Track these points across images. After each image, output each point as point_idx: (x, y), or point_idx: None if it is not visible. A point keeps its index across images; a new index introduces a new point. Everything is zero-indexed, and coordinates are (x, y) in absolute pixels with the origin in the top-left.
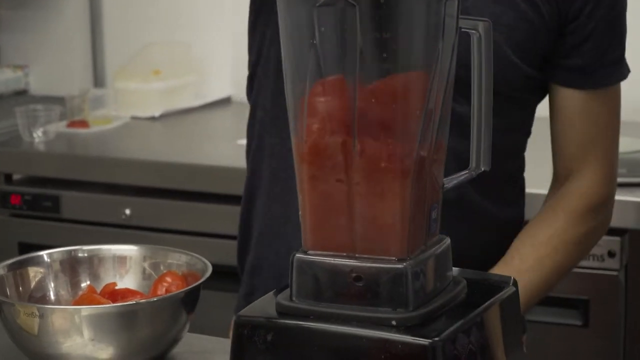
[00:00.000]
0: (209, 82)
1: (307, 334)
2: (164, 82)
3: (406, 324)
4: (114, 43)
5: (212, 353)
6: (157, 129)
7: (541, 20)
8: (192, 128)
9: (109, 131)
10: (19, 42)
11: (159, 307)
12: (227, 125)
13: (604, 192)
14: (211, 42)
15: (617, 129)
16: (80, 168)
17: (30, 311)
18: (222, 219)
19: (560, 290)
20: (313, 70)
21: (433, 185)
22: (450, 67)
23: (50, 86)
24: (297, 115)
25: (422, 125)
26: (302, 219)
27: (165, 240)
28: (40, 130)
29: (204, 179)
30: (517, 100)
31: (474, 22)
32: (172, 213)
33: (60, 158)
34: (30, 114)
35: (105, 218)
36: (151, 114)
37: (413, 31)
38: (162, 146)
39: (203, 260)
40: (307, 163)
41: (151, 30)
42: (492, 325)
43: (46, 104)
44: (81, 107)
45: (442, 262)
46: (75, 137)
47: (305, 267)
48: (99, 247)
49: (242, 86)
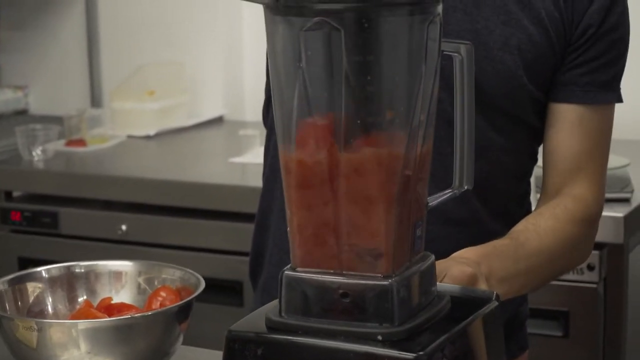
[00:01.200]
0: (201, 102)
1: (296, 348)
2: (158, 102)
3: (392, 338)
4: (110, 64)
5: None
6: (152, 148)
7: (549, 42)
8: (186, 146)
9: (105, 150)
10: (19, 63)
11: (154, 321)
12: (220, 143)
13: (595, 209)
14: (204, 62)
15: (607, 149)
16: (78, 185)
17: (29, 325)
18: (214, 234)
19: (541, 301)
20: (300, 92)
21: (418, 203)
22: (433, 88)
23: (50, 106)
24: (284, 136)
25: (407, 145)
26: (291, 237)
27: (160, 255)
28: (40, 148)
29: (197, 196)
30: (524, 122)
31: (456, 45)
32: (167, 229)
33: (58, 176)
34: (30, 133)
35: (102, 234)
36: (146, 133)
37: (396, 54)
38: (157, 164)
39: (196, 275)
40: (294, 182)
41: (145, 51)
42: (476, 339)
43: (45, 123)
44: (79, 126)
45: (427, 278)
46: (73, 156)
47: (294, 284)
48: (96, 262)
49: (233, 105)
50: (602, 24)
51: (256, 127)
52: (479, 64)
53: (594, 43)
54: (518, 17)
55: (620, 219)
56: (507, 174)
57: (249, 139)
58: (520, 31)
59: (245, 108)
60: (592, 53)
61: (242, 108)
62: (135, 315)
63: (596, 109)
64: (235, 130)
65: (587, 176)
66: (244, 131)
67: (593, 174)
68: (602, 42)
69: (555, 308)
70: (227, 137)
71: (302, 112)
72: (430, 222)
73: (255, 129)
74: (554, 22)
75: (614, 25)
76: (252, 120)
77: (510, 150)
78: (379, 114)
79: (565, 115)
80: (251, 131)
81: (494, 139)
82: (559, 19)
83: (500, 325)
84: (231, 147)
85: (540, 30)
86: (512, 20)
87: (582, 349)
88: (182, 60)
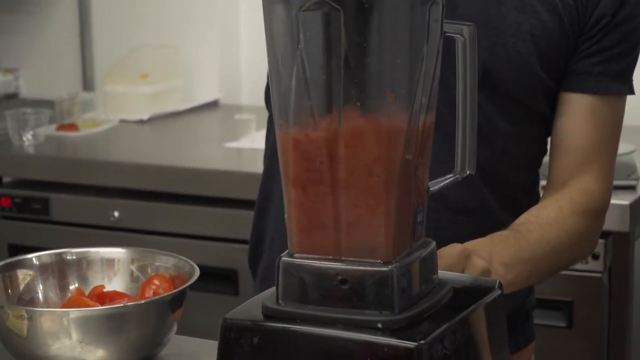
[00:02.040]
0: (196, 86)
1: (293, 336)
2: (152, 86)
3: (392, 326)
4: (102, 46)
5: (200, 355)
6: (146, 132)
7: (562, 30)
8: (180, 131)
9: (98, 134)
10: (10, 45)
11: (147, 310)
12: (215, 128)
13: (601, 202)
14: (199, 46)
15: (617, 142)
16: (70, 171)
17: (19, 314)
18: (209, 221)
19: (545, 291)
20: (298, 74)
21: (418, 188)
22: (435, 70)
23: (41, 89)
24: (282, 119)
25: (408, 129)
26: (288, 222)
27: (154, 243)
28: (30, 133)
29: (192, 181)
30: (534, 111)
31: (459, 27)
32: (160, 215)
33: (49, 161)
34: (20, 117)
35: (94, 220)
36: (139, 117)
37: (397, 35)
38: (150, 149)
39: (190, 263)
40: (292, 165)
41: (139, 33)
42: (478, 328)
43: (36, 107)
44: (70, 110)
45: (428, 265)
46: (64, 140)
47: (292, 270)
48: (87, 249)
49: (229, 89)
50: (616, 14)
51: (252, 111)
52: (490, 50)
53: (608, 33)
54: (532, 4)
55: (625, 206)
56: (516, 164)
57: (245, 124)
58: (533, 17)
59: (241, 92)
60: (606, 43)
61: (238, 92)
62: (128, 304)
63: (608, 99)
64: (230, 115)
65: (595, 169)
66: (239, 115)
67: (601, 166)
68: (616, 32)
69: (559, 298)
70: (222, 122)
71: (300, 94)
72: (438, 209)
73: (251, 113)
74: (567, 9)
75: (628, 16)
76: (248, 104)
77: (520, 139)
78: (379, 96)
79: (576, 105)
80: (247, 115)
81: (503, 127)
82: (573, 6)
83: (503, 314)
84: (227, 132)
85: (554, 17)
86: (525, 6)
87: (586, 340)
88: (176, 42)
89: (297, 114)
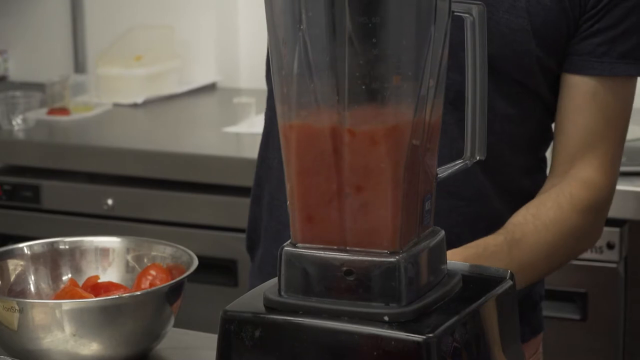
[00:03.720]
0: (193, 68)
1: (296, 329)
2: (147, 68)
3: (399, 319)
4: (95, 27)
5: (198, 349)
6: (140, 116)
7: (561, 7)
8: (176, 115)
9: (90, 118)
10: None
11: (143, 302)
12: (212, 112)
13: (604, 195)
14: (195, 26)
15: (624, 128)
16: (61, 157)
17: (10, 306)
18: (207, 209)
19: (558, 283)
20: (300, 56)
21: (426, 175)
22: (442, 52)
23: (30, 72)
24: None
25: (415, 113)
26: (291, 211)
27: (149, 232)
28: (20, 117)
29: (189, 167)
30: (533, 92)
31: (468, 6)
32: (156, 203)
33: (40, 146)
34: (9, 100)
35: (86, 208)
36: (133, 101)
37: (403, 14)
38: (145, 134)
39: (188, 253)
40: (294, 152)
41: (133, 13)
42: (488, 320)
43: (26, 90)
44: (62, 93)
45: (436, 255)
46: (55, 125)
47: (294, 261)
48: (81, 239)
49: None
50: None
51: (252, 94)
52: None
53: (610, 10)
54: None
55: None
56: (514, 146)
57: (244, 107)
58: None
59: (240, 74)
60: (609, 21)
61: (237, 74)
62: (123, 295)
63: (613, 82)
64: (229, 98)
65: (598, 157)
66: (238, 99)
67: (605, 154)
68: (619, 8)
69: (572, 289)
70: (220, 105)
71: (302, 78)
72: None
73: (250, 96)
74: None
75: None
76: (247, 87)
77: (518, 120)
78: (385, 79)
79: (577, 88)
80: (246, 99)
81: (501, 108)
82: None
83: (515, 306)
84: (225, 116)
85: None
86: None
87: (600, 333)
88: (172, 22)
89: (300, 99)
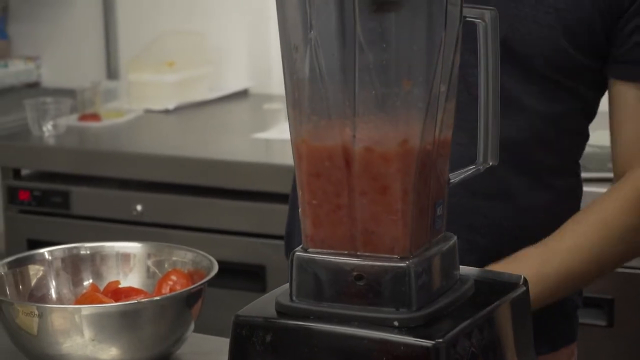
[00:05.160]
0: (225, 74)
1: (307, 334)
2: (179, 74)
3: (409, 324)
4: (127, 33)
5: (218, 354)
6: (171, 123)
7: (595, 5)
8: (207, 121)
9: (121, 125)
10: (30, 32)
11: (162, 307)
12: (244, 118)
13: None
14: (227, 32)
15: None
16: (91, 163)
17: (29, 310)
18: (236, 215)
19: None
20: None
21: (438, 180)
22: (454, 57)
23: (63, 78)
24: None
25: (425, 118)
26: (302, 216)
27: (177, 237)
28: (50, 123)
29: (219, 174)
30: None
31: (480, 11)
32: (185, 209)
33: (70, 152)
34: (40, 107)
35: (116, 214)
36: (165, 107)
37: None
38: (175, 140)
39: (209, 258)
40: (305, 157)
41: (165, 19)
42: (501, 326)
43: (58, 96)
44: (93, 99)
45: (448, 260)
46: (86, 131)
47: (306, 266)
48: (102, 244)
49: (259, 78)
50: None
51: (283, 100)
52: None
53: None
54: None
55: None
56: (545, 144)
57: (274, 114)
58: None
59: (271, 80)
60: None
61: (269, 80)
62: (142, 300)
63: None
64: (260, 104)
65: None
66: (269, 105)
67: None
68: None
69: (598, 295)
70: (251, 112)
71: (313, 83)
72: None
73: (281, 102)
74: None
75: None
76: (278, 93)
77: (549, 118)
78: (395, 84)
79: (624, 95)
80: (277, 105)
81: (528, 103)
82: None
83: (528, 311)
84: (255, 122)
85: None
86: None
87: (628, 340)
88: (204, 29)
89: (310, 104)
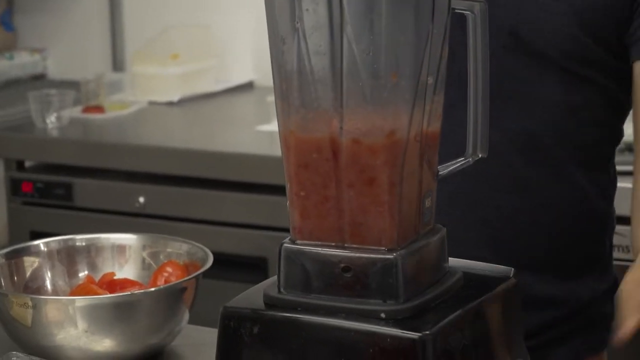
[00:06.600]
0: (230, 66)
1: (295, 326)
2: (183, 66)
3: (396, 316)
4: (133, 26)
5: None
6: (176, 115)
7: None
8: (212, 114)
9: (125, 117)
10: (36, 24)
11: (157, 298)
12: (249, 111)
13: None
14: (232, 24)
15: None
16: (95, 155)
17: (23, 302)
18: (240, 207)
19: None
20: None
21: (426, 172)
22: (442, 49)
23: (69, 70)
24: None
25: (413, 110)
26: (290, 208)
27: (180, 230)
28: (54, 115)
29: (223, 166)
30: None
31: (470, 3)
32: (188, 201)
33: (74, 144)
34: (44, 98)
35: (119, 206)
36: (169, 99)
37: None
38: (180, 132)
39: (204, 249)
40: (293, 148)
41: (171, 12)
42: (490, 319)
43: (63, 88)
44: (97, 91)
45: (436, 252)
46: (90, 123)
47: (293, 257)
48: (98, 235)
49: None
50: None
51: None
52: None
53: None
54: None
55: None
56: (562, 136)
57: None
58: None
59: None
60: None
61: None
62: (136, 292)
63: None
64: (265, 97)
65: None
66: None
67: None
68: None
69: None
70: (256, 104)
71: (300, 75)
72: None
73: None
74: None
75: None
76: None
77: (568, 109)
78: (383, 76)
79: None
80: None
81: (543, 93)
82: None
83: (519, 304)
84: (260, 115)
85: None
86: None
87: None
88: (209, 21)
89: (298, 95)
